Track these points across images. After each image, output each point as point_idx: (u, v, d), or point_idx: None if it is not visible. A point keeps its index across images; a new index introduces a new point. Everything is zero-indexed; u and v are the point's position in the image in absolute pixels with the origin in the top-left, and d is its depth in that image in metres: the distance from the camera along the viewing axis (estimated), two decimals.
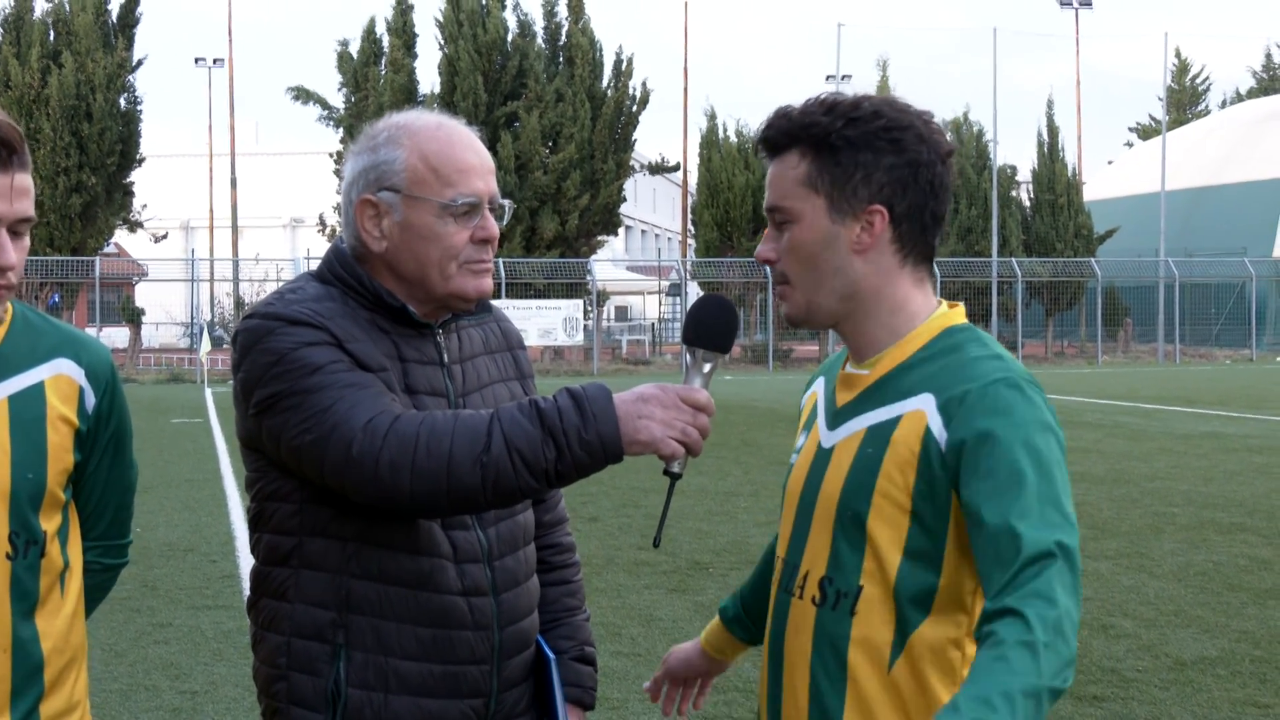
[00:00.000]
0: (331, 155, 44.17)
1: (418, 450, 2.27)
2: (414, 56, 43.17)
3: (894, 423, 2.21)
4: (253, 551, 2.60)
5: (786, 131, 2.28)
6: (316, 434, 2.33)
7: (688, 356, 2.34)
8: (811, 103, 2.29)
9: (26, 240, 2.48)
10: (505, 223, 2.59)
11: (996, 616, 1.96)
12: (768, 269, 2.40)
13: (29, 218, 2.45)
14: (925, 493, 2.17)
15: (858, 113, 2.24)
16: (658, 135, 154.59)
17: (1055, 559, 1.98)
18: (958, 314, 2.32)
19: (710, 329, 2.32)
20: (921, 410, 2.19)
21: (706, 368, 2.33)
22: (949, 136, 2.33)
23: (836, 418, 2.33)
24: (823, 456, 2.31)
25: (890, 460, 2.19)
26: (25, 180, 2.44)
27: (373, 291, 2.51)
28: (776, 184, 2.30)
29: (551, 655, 2.68)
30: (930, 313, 2.30)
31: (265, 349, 2.41)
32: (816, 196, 2.26)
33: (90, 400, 2.61)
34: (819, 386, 2.46)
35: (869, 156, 2.23)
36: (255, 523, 2.57)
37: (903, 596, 2.19)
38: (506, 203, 2.57)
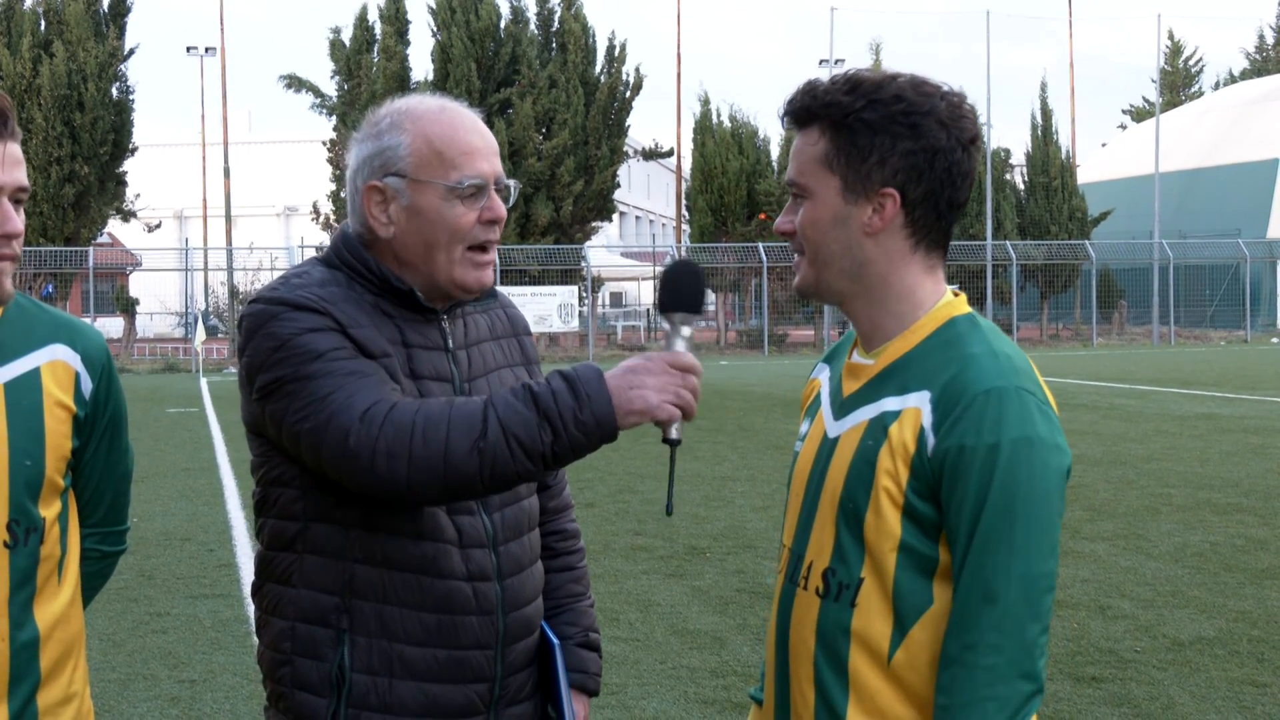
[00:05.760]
0: (325, 143, 44.05)
1: (414, 438, 2.28)
2: (407, 44, 43.06)
3: (893, 416, 2.21)
4: (257, 536, 2.60)
5: (808, 108, 2.27)
6: (314, 422, 2.34)
7: (666, 324, 2.38)
8: (838, 80, 2.27)
9: (22, 213, 2.48)
10: (511, 203, 2.59)
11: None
12: (763, 253, 2.39)
13: (25, 187, 2.45)
14: (920, 490, 2.16)
15: (879, 94, 2.22)
16: (651, 121, 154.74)
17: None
18: (961, 303, 2.31)
19: (684, 293, 2.37)
20: (918, 408, 2.18)
21: (686, 331, 2.37)
22: None
23: (843, 407, 2.32)
24: (828, 446, 2.31)
25: (887, 454, 2.19)
26: (17, 150, 2.44)
27: (379, 275, 2.51)
28: (797, 159, 2.30)
29: (556, 641, 2.67)
30: (936, 302, 2.29)
31: (268, 334, 2.42)
32: (831, 176, 2.25)
33: (87, 386, 2.59)
34: (823, 374, 2.46)
35: (885, 140, 2.22)
36: (259, 507, 2.58)
37: (901, 590, 2.18)
38: (512, 183, 2.58)
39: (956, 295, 2.33)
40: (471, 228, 2.50)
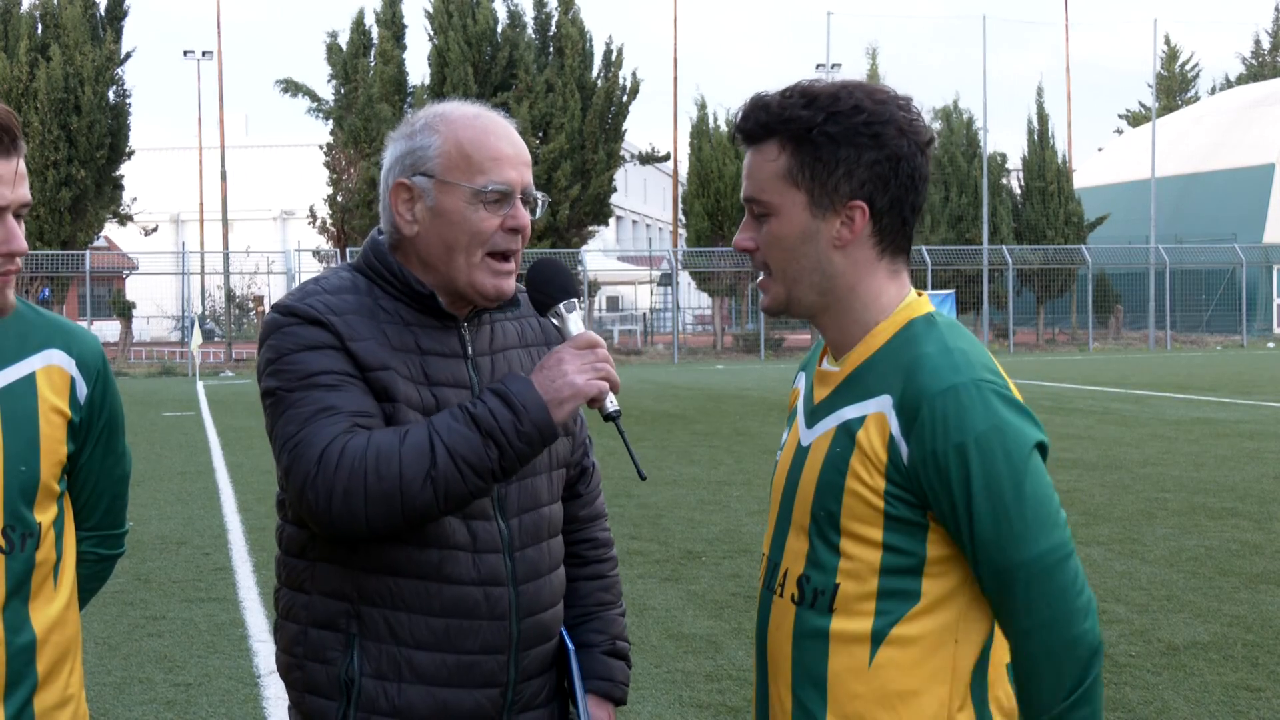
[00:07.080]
0: (321, 147, 44.02)
1: (368, 476, 2.35)
2: (403, 48, 43.07)
3: (859, 422, 2.21)
4: (277, 538, 2.65)
5: (765, 124, 2.25)
6: (284, 463, 2.43)
7: (554, 320, 2.52)
8: (790, 93, 2.25)
9: (23, 224, 2.50)
10: (539, 215, 2.63)
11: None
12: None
13: (29, 202, 2.48)
14: (900, 495, 2.17)
15: (838, 106, 2.21)
16: (648, 125, 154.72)
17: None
18: (923, 303, 2.30)
19: (554, 285, 2.54)
20: (882, 412, 2.19)
21: (574, 314, 2.51)
22: (938, 125, 2.30)
23: (814, 415, 2.33)
24: (801, 454, 2.32)
25: (857, 460, 2.19)
26: (23, 166, 2.46)
27: (401, 279, 2.55)
28: (755, 175, 2.28)
29: (571, 646, 2.69)
30: (898, 304, 2.28)
31: (270, 344, 2.50)
32: (796, 191, 2.24)
33: (82, 390, 2.60)
34: (800, 381, 2.46)
35: (850, 152, 2.21)
36: (279, 509, 2.63)
37: (882, 594, 2.19)
38: (540, 195, 2.61)
39: (920, 295, 2.32)
40: (492, 233, 2.53)
